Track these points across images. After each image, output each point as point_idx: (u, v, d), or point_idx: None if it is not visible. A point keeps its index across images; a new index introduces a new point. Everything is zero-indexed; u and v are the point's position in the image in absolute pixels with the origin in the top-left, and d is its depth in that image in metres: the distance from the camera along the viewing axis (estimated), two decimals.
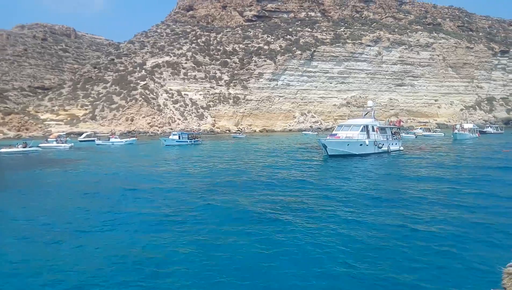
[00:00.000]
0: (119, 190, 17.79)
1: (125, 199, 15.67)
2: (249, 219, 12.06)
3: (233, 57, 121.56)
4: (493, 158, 31.15)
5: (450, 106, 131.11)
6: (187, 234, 10.53)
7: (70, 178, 23.00)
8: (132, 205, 14.46)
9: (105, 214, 13.05)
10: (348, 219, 11.84)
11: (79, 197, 16.57)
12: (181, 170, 25.61)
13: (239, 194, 16.11)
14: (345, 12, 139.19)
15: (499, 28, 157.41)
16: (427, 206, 13.47)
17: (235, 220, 12.02)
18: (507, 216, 11.97)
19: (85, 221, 12.23)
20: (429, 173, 22.53)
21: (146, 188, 18.12)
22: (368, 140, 31.29)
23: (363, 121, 33.22)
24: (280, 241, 9.79)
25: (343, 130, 32.27)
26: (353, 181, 19.72)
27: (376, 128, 33.56)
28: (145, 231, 10.88)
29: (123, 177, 22.45)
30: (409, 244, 9.49)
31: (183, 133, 55.76)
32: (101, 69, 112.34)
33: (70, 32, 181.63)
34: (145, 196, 16.18)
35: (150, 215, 12.70)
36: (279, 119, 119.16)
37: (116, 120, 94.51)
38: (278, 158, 32.26)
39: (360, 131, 31.38)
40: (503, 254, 8.36)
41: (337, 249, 9.20)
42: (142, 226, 11.47)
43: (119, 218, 12.45)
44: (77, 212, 13.46)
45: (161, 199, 15.57)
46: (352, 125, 32.63)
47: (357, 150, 30.52)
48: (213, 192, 16.67)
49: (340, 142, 29.87)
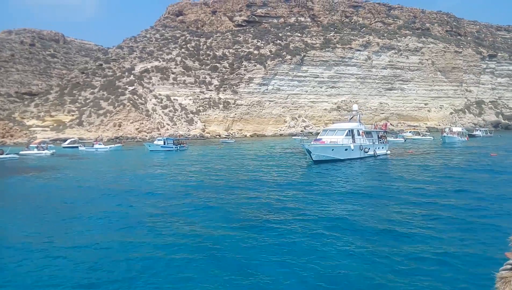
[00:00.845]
0: (87, 200, 16.78)
1: (92, 210, 14.68)
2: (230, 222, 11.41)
3: (223, 62, 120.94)
4: (480, 162, 30.72)
5: (440, 110, 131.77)
6: (156, 242, 9.82)
7: (38, 187, 21.89)
8: (101, 216, 13.51)
9: (65, 227, 12.08)
10: (328, 233, 11.07)
11: (39, 208, 15.52)
12: (161, 176, 24.67)
13: (213, 203, 15.32)
14: (334, 17, 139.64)
15: (487, 33, 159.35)
16: (412, 216, 12.86)
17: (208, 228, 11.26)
18: (496, 220, 11.84)
19: (38, 235, 11.25)
20: (415, 178, 21.92)
21: (118, 198, 17.14)
22: (354, 145, 30.63)
23: (348, 125, 32.57)
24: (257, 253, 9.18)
25: (327, 134, 31.58)
26: (336, 188, 18.95)
27: (361, 132, 32.95)
28: (114, 244, 10.10)
29: (96, 186, 21.41)
30: (397, 250, 9.25)
31: (168, 139, 54.67)
32: (89, 74, 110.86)
33: (59, 38, 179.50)
34: (116, 206, 15.23)
35: (120, 226, 11.83)
36: (270, 123, 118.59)
37: (104, 125, 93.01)
38: (263, 164, 31.46)
39: (345, 135, 30.71)
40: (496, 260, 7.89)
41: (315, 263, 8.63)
42: (113, 238, 10.63)
43: (83, 231, 11.52)
44: (32, 225, 12.46)
45: (132, 209, 14.68)
46: (337, 129, 31.95)
47: (342, 155, 29.83)
48: (189, 200, 15.86)
49: (325, 147, 29.13)
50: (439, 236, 10.27)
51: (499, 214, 12.70)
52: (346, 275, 7.84)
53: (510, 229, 10.91)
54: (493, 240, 9.65)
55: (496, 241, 9.32)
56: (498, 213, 12.88)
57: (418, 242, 9.82)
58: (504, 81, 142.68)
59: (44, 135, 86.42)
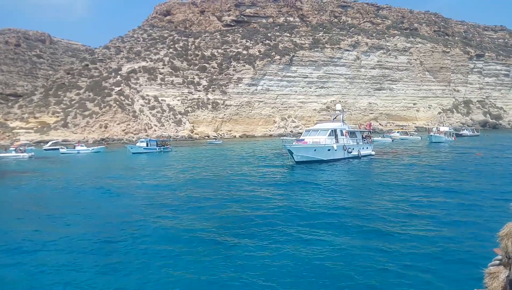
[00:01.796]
0: (53, 208, 15.81)
1: (58, 219, 13.72)
2: (191, 240, 10.66)
3: (212, 62, 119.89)
4: (465, 161, 30.40)
5: (428, 110, 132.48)
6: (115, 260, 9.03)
7: (8, 192, 20.80)
8: (65, 226, 12.58)
9: (29, 236, 11.17)
10: (307, 238, 10.37)
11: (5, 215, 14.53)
12: (137, 180, 23.75)
13: (190, 209, 14.62)
14: (323, 17, 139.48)
15: (475, 33, 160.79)
16: (398, 216, 12.55)
17: (178, 240, 10.64)
18: (483, 218, 11.88)
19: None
20: (398, 179, 21.37)
21: (90, 204, 16.17)
22: (337, 145, 30.00)
23: (331, 125, 31.95)
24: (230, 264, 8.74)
25: (310, 135, 30.93)
26: (316, 191, 18.24)
27: (345, 132, 32.34)
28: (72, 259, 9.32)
29: (68, 191, 20.40)
30: (386, 249, 9.12)
31: (151, 140, 53.56)
32: (75, 75, 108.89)
33: (45, 38, 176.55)
34: (86, 214, 14.29)
35: (82, 239, 10.91)
36: (260, 124, 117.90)
37: (89, 127, 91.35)
38: (244, 166, 30.67)
39: (328, 135, 30.07)
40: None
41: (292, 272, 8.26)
42: (72, 252, 9.77)
43: (46, 242, 10.64)
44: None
45: (101, 217, 13.78)
46: (319, 129, 31.31)
47: (325, 155, 29.18)
48: (163, 208, 15.01)
49: (307, 148, 28.44)
50: (427, 234, 10.24)
51: (486, 212, 12.77)
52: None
53: (497, 226, 10.42)
54: (481, 237, 9.70)
55: (484, 238, 9.30)
56: (485, 210, 12.95)
57: (407, 241, 9.78)
58: (491, 80, 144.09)
59: (28, 137, 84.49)
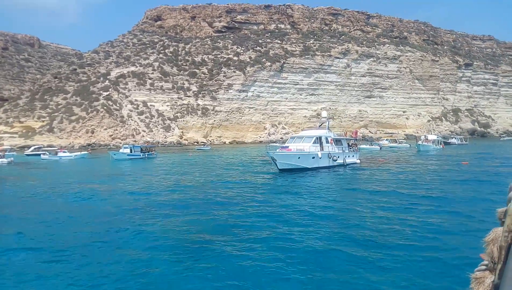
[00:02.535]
0: (21, 217, 14.79)
1: (25, 228, 12.73)
2: (170, 247, 10.19)
3: (202, 68, 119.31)
4: (451, 170, 30.00)
5: (418, 118, 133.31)
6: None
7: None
8: (33, 237, 11.64)
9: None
10: (288, 249, 9.72)
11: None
12: (114, 187, 22.75)
13: (170, 217, 13.95)
14: (314, 24, 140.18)
15: (463, 42, 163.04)
16: (374, 225, 12.23)
17: (157, 248, 10.15)
18: (470, 224, 12.00)
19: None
20: (382, 187, 20.77)
21: (61, 214, 15.18)
22: (321, 153, 29.37)
23: (316, 133, 31.30)
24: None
25: (295, 142, 30.25)
26: (296, 199, 17.49)
27: (330, 139, 31.74)
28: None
29: (41, 199, 19.33)
30: (372, 256, 9.12)
31: (135, 146, 52.37)
32: (62, 79, 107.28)
33: (34, 41, 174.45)
34: (57, 224, 13.35)
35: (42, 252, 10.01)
36: (250, 130, 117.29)
37: (76, 132, 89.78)
38: (228, 173, 29.88)
39: (313, 143, 29.42)
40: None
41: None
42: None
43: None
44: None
45: (67, 225, 12.89)
46: (304, 137, 30.65)
47: (309, 163, 28.51)
48: (141, 215, 14.29)
49: (290, 155, 27.73)
50: (414, 242, 10.21)
51: (472, 218, 12.92)
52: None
53: (483, 232, 9.74)
54: (468, 243, 9.77)
55: (471, 244, 9.35)
56: (471, 217, 13.07)
57: (394, 248, 9.72)
58: (479, 89, 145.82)
59: (12, 142, 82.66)
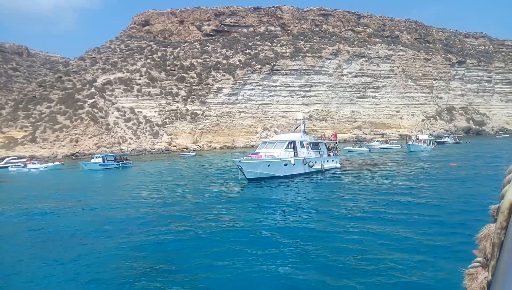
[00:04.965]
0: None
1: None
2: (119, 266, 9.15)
3: (191, 72, 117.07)
4: (439, 172, 27.80)
5: (412, 117, 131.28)
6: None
7: None
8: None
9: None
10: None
11: None
12: (70, 204, 20.37)
13: (122, 231, 12.68)
14: (304, 26, 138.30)
15: (456, 40, 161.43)
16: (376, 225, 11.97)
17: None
18: (463, 222, 12.23)
19: None
20: (359, 195, 18.60)
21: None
22: (295, 159, 26.92)
23: (290, 137, 28.83)
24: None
25: (267, 147, 27.83)
26: (262, 216, 15.14)
27: (306, 143, 29.32)
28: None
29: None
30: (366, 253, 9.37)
31: (108, 155, 49.85)
32: (47, 87, 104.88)
33: (22, 50, 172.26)
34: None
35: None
36: (241, 135, 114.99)
37: (59, 141, 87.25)
38: (196, 183, 27.49)
39: (285, 148, 27.00)
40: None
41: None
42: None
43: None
44: None
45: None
46: (276, 141, 28.19)
47: (281, 171, 26.09)
48: (89, 237, 12.32)
49: (259, 163, 25.23)
50: (408, 243, 10.41)
51: (465, 216, 13.20)
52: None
53: (475, 228, 8.13)
54: (462, 240, 10.02)
55: (465, 240, 9.56)
56: (464, 216, 13.28)
57: (390, 247, 9.94)
58: (473, 87, 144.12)
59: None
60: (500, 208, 0.90)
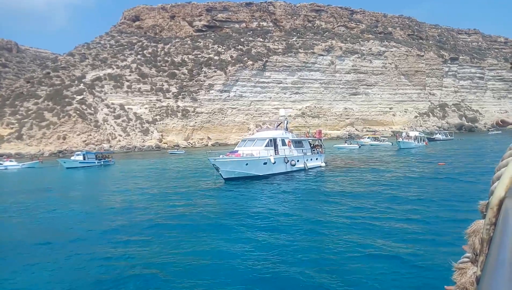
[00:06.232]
0: None
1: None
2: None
3: (182, 68, 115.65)
4: (426, 172, 26.95)
5: (404, 114, 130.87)
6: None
7: None
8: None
9: None
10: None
11: None
12: (42, 203, 19.27)
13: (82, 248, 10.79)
14: (297, 21, 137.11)
15: (448, 36, 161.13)
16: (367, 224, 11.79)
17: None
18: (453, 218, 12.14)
19: None
20: (342, 195, 17.73)
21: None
22: (275, 157, 25.92)
23: (270, 134, 27.76)
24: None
25: (246, 145, 26.78)
26: (238, 221, 14.11)
27: (288, 141, 28.36)
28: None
29: None
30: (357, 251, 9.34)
31: (89, 153, 48.67)
32: (34, 83, 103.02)
33: (12, 46, 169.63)
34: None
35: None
36: (233, 131, 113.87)
37: (46, 138, 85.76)
38: (174, 184, 26.31)
39: (265, 146, 25.99)
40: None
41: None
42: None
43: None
44: None
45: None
46: (256, 139, 27.13)
47: (260, 170, 25.10)
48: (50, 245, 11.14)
49: (236, 162, 24.19)
50: (398, 240, 10.24)
51: (453, 212, 13.08)
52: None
53: (465, 223, 7.26)
54: (451, 236, 9.78)
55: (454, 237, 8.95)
56: (452, 212, 13.17)
57: (380, 242, 9.87)
58: (466, 83, 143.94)
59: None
60: (489, 204, 0.93)
